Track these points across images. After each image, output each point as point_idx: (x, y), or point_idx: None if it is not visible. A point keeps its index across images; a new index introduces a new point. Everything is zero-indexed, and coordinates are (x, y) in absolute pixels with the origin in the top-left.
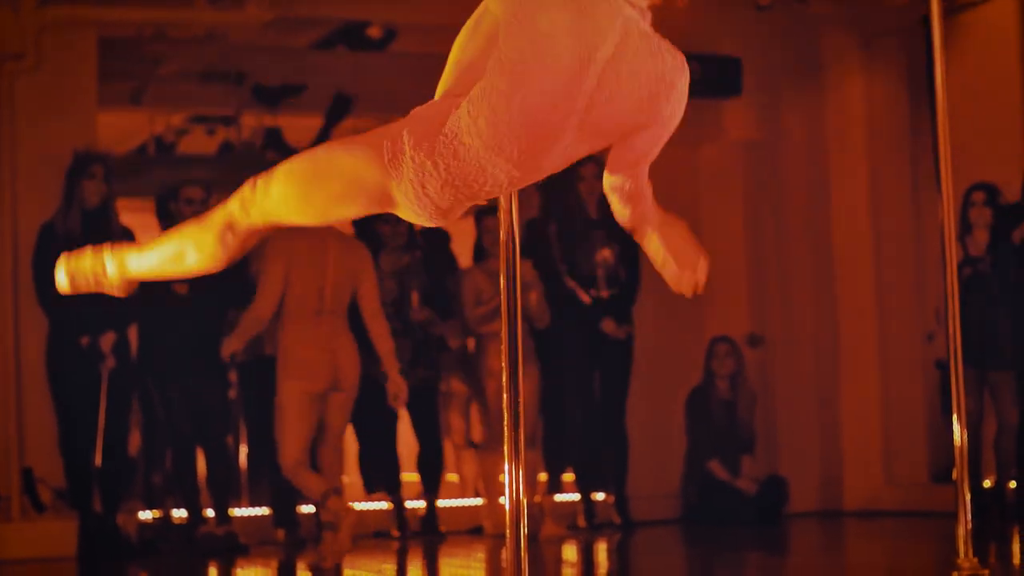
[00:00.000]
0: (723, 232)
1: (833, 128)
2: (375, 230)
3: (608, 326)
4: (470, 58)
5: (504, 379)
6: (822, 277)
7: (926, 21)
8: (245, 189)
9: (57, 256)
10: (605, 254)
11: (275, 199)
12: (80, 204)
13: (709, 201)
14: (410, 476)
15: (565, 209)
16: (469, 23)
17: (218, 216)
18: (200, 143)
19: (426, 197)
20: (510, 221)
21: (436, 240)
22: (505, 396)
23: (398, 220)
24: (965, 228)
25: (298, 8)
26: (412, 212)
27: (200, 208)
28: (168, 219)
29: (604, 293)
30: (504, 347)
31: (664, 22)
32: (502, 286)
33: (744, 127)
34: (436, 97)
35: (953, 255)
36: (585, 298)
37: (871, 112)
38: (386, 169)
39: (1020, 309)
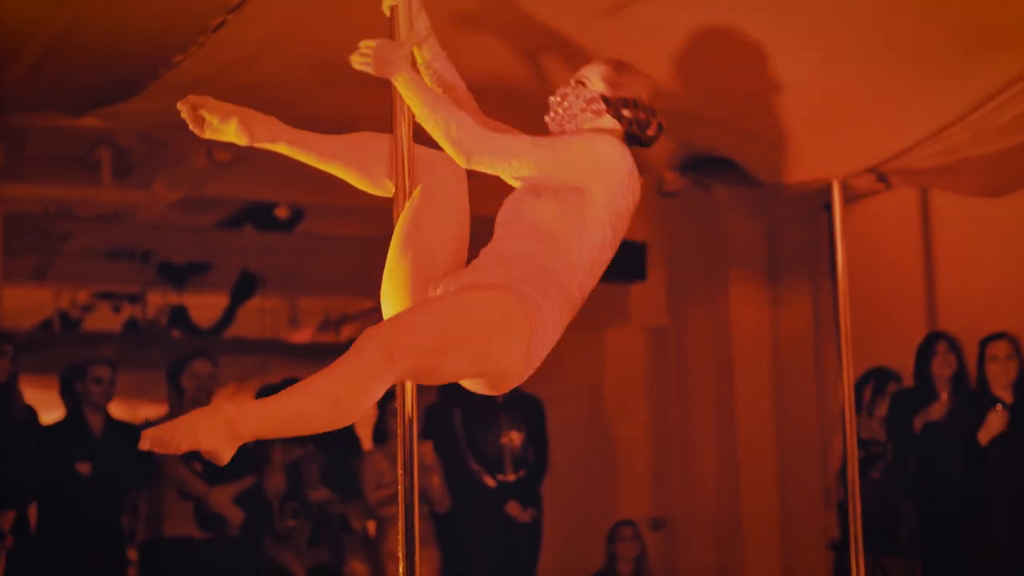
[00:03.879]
0: (627, 416)
1: (737, 312)
2: None
3: (513, 509)
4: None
5: (401, 567)
6: (725, 460)
7: (828, 208)
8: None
9: None
10: (512, 436)
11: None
12: None
13: (613, 384)
14: None
15: (468, 394)
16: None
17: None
18: (105, 320)
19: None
20: (408, 404)
21: None
22: None
23: None
24: (868, 412)
25: (204, 188)
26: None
27: (107, 387)
28: (73, 398)
29: (510, 476)
30: (401, 528)
31: None
32: (399, 470)
33: (649, 312)
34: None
35: (853, 435)
36: (490, 482)
37: (775, 295)
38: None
39: (919, 495)
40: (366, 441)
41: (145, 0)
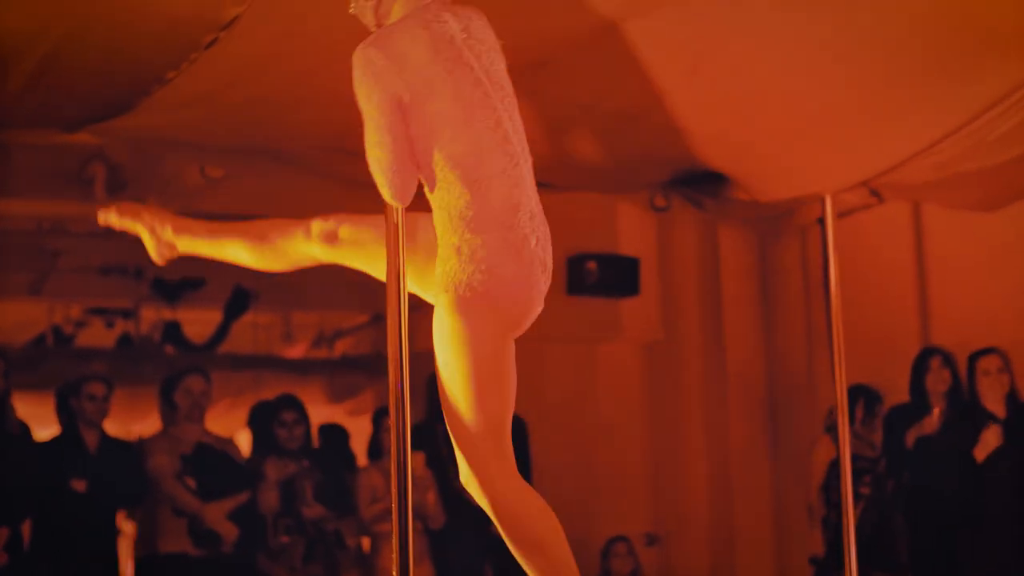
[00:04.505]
0: (621, 431)
1: (730, 327)
2: (271, 431)
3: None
4: None
5: None
6: (719, 475)
7: (821, 222)
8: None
9: None
10: None
11: None
12: None
13: (607, 399)
14: None
15: None
16: None
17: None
18: (99, 335)
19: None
20: (401, 419)
21: (335, 438)
22: None
23: (295, 422)
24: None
25: (197, 204)
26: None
27: (102, 404)
28: (68, 415)
29: None
30: (395, 545)
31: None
32: (393, 485)
33: (642, 327)
34: None
35: (847, 449)
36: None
37: (768, 310)
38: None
39: (910, 509)
40: (361, 457)
41: (138, 18)
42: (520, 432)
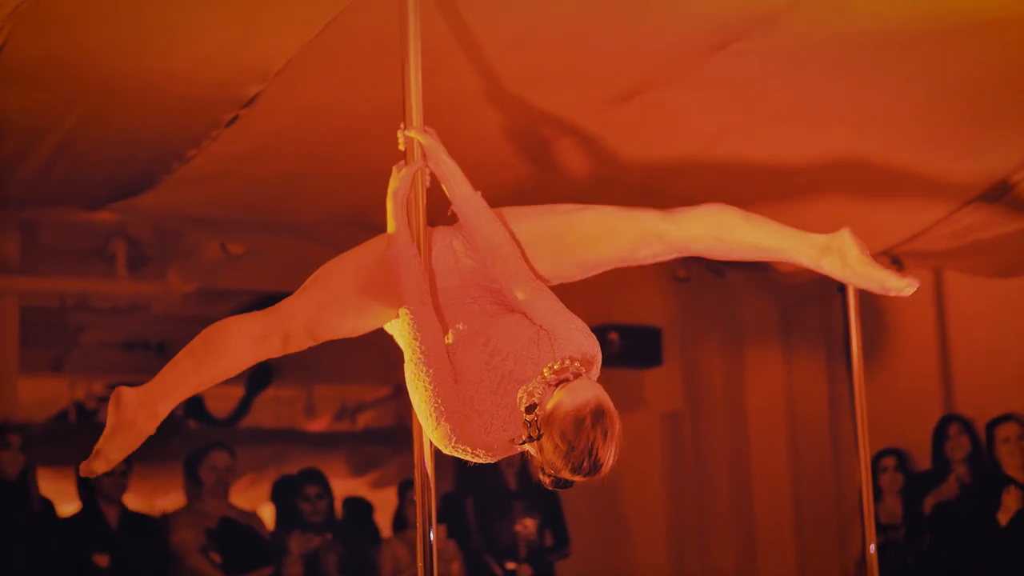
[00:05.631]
0: (644, 502)
1: (752, 396)
2: (294, 505)
3: None
4: None
5: None
6: (743, 544)
7: (842, 290)
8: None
9: None
10: (526, 524)
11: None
12: None
13: (630, 469)
14: None
15: (482, 482)
16: None
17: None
18: None
19: None
20: (426, 494)
21: (359, 511)
22: None
23: (318, 496)
24: (876, 494)
25: (218, 280)
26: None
27: (120, 479)
28: (88, 490)
29: (523, 564)
30: None
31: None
32: (418, 557)
33: (665, 397)
34: None
35: (871, 515)
36: (498, 571)
37: (790, 378)
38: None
39: None
40: (385, 529)
41: (158, 97)
42: (554, 502)
